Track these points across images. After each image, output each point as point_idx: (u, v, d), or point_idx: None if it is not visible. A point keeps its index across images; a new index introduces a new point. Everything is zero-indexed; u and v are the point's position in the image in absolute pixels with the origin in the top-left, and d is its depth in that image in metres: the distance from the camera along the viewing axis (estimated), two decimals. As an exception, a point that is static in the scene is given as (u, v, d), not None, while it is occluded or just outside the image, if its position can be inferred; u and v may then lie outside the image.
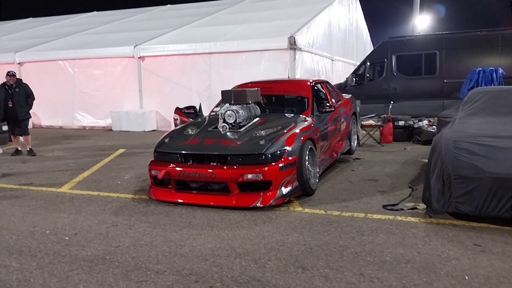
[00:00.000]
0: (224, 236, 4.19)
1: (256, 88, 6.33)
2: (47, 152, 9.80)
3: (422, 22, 26.48)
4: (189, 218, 4.77)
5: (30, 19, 24.50)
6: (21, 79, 9.36)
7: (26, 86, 9.27)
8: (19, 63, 15.28)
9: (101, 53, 14.38)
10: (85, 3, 28.35)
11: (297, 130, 5.55)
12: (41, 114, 14.98)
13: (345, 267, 3.44)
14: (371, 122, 10.22)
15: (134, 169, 7.46)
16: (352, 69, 16.22)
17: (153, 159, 5.68)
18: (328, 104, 6.68)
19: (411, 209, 4.89)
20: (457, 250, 3.73)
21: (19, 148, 9.35)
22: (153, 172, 5.45)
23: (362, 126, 9.72)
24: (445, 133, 4.94)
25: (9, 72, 9.17)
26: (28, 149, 9.34)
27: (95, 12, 23.37)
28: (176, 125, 7.24)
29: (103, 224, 4.65)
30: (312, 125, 5.98)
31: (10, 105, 8.97)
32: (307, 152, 5.46)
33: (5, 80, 9.06)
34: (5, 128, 10.66)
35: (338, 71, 16.38)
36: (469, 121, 5.44)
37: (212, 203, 5.08)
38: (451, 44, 12.17)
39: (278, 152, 5.11)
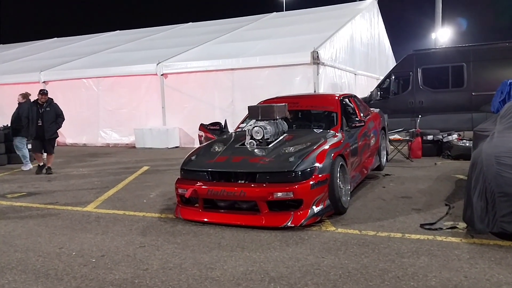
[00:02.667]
0: (256, 258, 4.00)
1: (283, 104, 6.19)
2: (72, 170, 9.81)
3: (443, 35, 26.16)
4: (218, 238, 4.61)
5: (55, 39, 25.04)
6: (52, 99, 9.41)
7: (56, 106, 9.34)
8: (44, 82, 15.51)
9: (124, 71, 14.50)
10: (108, 23, 28.93)
11: (327, 146, 5.37)
12: (65, 132, 15.10)
13: (388, 293, 3.22)
14: (397, 136, 9.97)
15: (159, 187, 7.36)
16: (375, 83, 16.00)
17: (179, 177, 5.56)
18: (357, 119, 6.48)
19: (450, 228, 4.62)
20: (507, 274, 3.46)
21: (41, 164, 9.35)
22: (180, 191, 5.32)
23: (390, 141, 9.47)
24: (485, 148, 4.68)
25: (41, 90, 9.28)
26: (47, 167, 9.35)
27: (118, 31, 23.74)
28: (201, 142, 7.14)
29: (131, 245, 4.52)
30: (342, 140, 5.79)
31: (40, 124, 9.03)
32: (338, 169, 5.27)
33: (37, 98, 9.16)
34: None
35: (361, 85, 16.16)
36: (509, 135, 5.16)
37: (241, 223, 4.91)
38: (479, 56, 11.82)
39: (309, 169, 4.92)
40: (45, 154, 9.59)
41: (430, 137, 9.91)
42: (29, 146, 10.53)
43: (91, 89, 15.07)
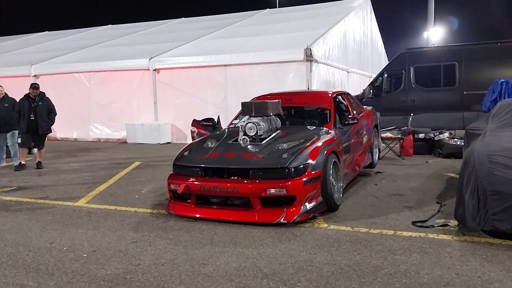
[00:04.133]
0: (248, 254, 4.00)
1: (277, 100, 6.18)
2: (63, 164, 9.73)
3: (435, 34, 26.32)
4: (210, 234, 4.59)
5: (46, 32, 24.77)
6: (44, 92, 9.29)
7: (48, 100, 9.22)
8: (34, 76, 15.35)
9: (116, 66, 14.40)
10: (100, 17, 28.68)
11: (320, 143, 5.37)
12: (56, 127, 14.85)
13: (381, 289, 3.23)
14: (389, 134, 10.02)
15: (151, 183, 7.32)
16: (367, 81, 16.04)
17: (172, 172, 5.53)
18: (350, 116, 6.49)
19: (441, 226, 4.65)
20: (498, 271, 3.49)
21: (23, 162, 9.18)
22: (172, 186, 5.29)
23: (382, 139, 9.50)
24: (478, 147, 4.71)
25: (32, 84, 9.16)
26: (38, 161, 9.27)
27: (110, 26, 23.54)
28: (193, 137, 7.11)
29: (122, 240, 4.49)
30: (335, 138, 5.79)
31: (32, 118, 8.90)
32: (331, 166, 5.27)
33: (28, 92, 9.04)
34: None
35: (354, 83, 16.21)
36: (501, 133, 5.21)
37: (234, 219, 4.90)
38: (471, 55, 11.92)
39: (302, 166, 4.92)
40: (34, 150, 9.49)
41: (421, 136, 9.97)
42: (19, 140, 10.41)
43: (82, 83, 14.93)
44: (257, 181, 4.87)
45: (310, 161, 4.99)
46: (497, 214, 4.06)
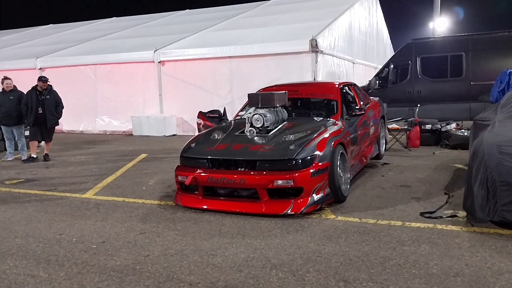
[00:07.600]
0: (256, 245, 4.01)
1: (283, 91, 6.16)
2: (70, 157, 9.77)
3: (441, 24, 26.11)
4: (218, 225, 4.60)
5: (51, 25, 24.78)
6: (51, 85, 9.29)
7: (56, 94, 9.22)
8: (40, 69, 15.37)
9: (121, 58, 14.39)
10: (104, 10, 28.60)
11: (328, 135, 5.35)
12: (62, 119, 14.86)
13: (390, 280, 3.23)
14: (395, 125, 9.98)
15: (158, 175, 7.34)
16: (373, 72, 15.95)
17: (179, 164, 5.54)
18: (357, 107, 6.45)
19: (450, 216, 4.64)
20: (508, 262, 3.48)
21: (34, 156, 9.19)
22: (179, 178, 5.30)
23: (389, 130, 9.46)
24: (487, 137, 4.67)
25: (41, 77, 9.15)
26: (45, 154, 9.31)
27: (114, 18, 23.50)
28: (199, 129, 7.13)
29: (131, 231, 4.51)
30: (343, 129, 5.77)
31: (40, 112, 8.92)
32: (338, 157, 5.26)
33: (35, 84, 9.04)
34: (27, 133, 10.62)
35: (359, 74, 16.12)
36: (510, 124, 5.17)
37: (241, 210, 4.91)
38: (478, 45, 11.79)
39: (309, 157, 4.91)
40: (42, 142, 9.54)
41: (428, 127, 9.92)
42: (27, 133, 10.43)
43: (88, 76, 14.95)
44: (264, 172, 4.87)
45: (317, 152, 4.98)
46: (506, 204, 4.04)
